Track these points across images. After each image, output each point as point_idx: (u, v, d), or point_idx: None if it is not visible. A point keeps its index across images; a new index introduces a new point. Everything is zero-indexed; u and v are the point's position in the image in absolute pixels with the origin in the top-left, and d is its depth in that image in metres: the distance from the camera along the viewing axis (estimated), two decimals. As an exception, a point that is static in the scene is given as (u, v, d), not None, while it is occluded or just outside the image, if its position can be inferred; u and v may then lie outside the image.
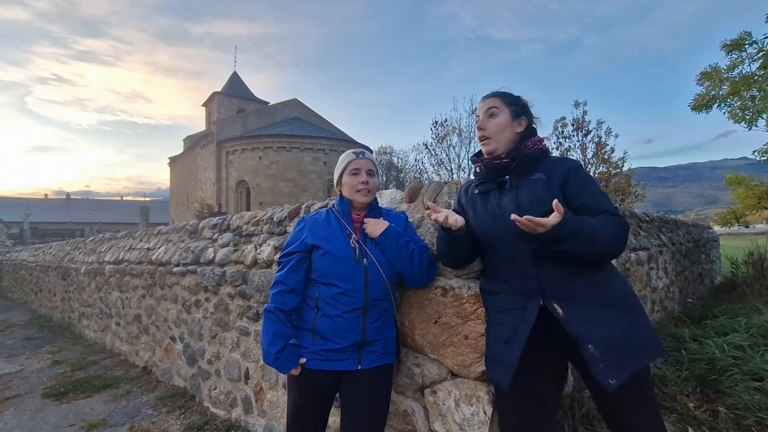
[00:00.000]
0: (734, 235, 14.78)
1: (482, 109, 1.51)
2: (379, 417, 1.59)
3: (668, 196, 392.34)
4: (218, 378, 3.00)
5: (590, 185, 1.39)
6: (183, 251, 3.64)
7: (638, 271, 3.63)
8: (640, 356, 1.26)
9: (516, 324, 1.34)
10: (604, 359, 1.21)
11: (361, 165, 1.65)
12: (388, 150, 31.87)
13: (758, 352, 2.68)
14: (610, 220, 1.29)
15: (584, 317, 1.26)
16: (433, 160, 16.94)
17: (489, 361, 1.45)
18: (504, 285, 1.43)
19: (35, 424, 3.06)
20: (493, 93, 1.53)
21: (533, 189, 1.37)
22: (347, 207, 1.65)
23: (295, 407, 1.59)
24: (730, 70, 7.68)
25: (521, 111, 1.49)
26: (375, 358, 1.57)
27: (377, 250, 1.59)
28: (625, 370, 1.21)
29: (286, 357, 1.53)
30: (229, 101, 28.19)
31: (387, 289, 1.59)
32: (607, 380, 1.20)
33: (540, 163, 1.43)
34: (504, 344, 1.36)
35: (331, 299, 1.55)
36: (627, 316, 1.29)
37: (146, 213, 32.79)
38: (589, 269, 1.31)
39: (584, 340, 1.23)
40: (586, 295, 1.29)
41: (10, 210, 35.72)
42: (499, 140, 1.46)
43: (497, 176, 1.45)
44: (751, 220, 10.62)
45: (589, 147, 13.93)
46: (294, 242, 1.64)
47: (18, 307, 9.66)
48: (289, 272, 1.59)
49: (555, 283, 1.31)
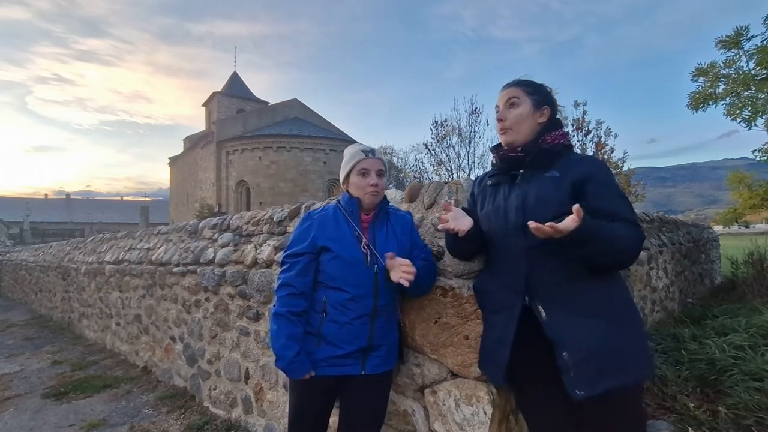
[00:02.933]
0: (734, 235, 14.78)
1: (502, 98, 1.42)
2: (377, 419, 1.60)
3: (668, 196, 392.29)
4: (218, 378, 3.00)
5: (613, 189, 1.29)
6: (183, 251, 3.64)
7: (638, 271, 3.63)
8: (624, 373, 1.16)
9: (505, 324, 1.33)
10: (577, 369, 1.16)
11: (370, 165, 1.58)
12: (388, 150, 31.87)
13: (758, 352, 2.68)
14: (628, 229, 1.19)
15: (566, 323, 1.21)
16: (433, 160, 16.92)
17: (484, 359, 1.45)
18: (497, 282, 1.41)
19: (35, 424, 3.06)
20: (514, 81, 1.44)
21: (542, 186, 1.30)
22: (356, 207, 1.58)
23: (296, 409, 1.58)
24: (726, 66, 7.58)
25: (543, 100, 1.40)
26: (379, 363, 1.56)
27: (385, 252, 1.55)
28: (599, 384, 1.14)
29: (302, 361, 1.48)
30: (229, 101, 28.20)
31: (395, 294, 1.59)
32: (574, 390, 1.15)
33: (558, 160, 1.34)
34: (497, 344, 1.35)
35: (339, 305, 1.51)
36: (617, 328, 1.20)
37: (146, 213, 32.81)
38: (585, 274, 1.24)
39: (560, 345, 1.20)
40: (575, 300, 1.23)
41: (10, 210, 35.73)
42: (519, 131, 1.38)
43: (511, 169, 1.40)
44: (751, 220, 10.60)
45: (588, 147, 13.93)
46: (302, 241, 1.57)
47: (18, 307, 9.66)
48: (298, 275, 1.53)
49: (544, 285, 1.26)
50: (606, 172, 1.32)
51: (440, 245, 1.70)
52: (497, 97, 1.46)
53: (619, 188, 1.31)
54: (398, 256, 1.47)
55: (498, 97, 1.45)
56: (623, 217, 1.22)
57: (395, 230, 1.61)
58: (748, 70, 7.32)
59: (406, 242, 1.61)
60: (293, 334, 1.49)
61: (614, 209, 1.24)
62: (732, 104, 7.52)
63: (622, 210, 1.24)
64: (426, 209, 1.95)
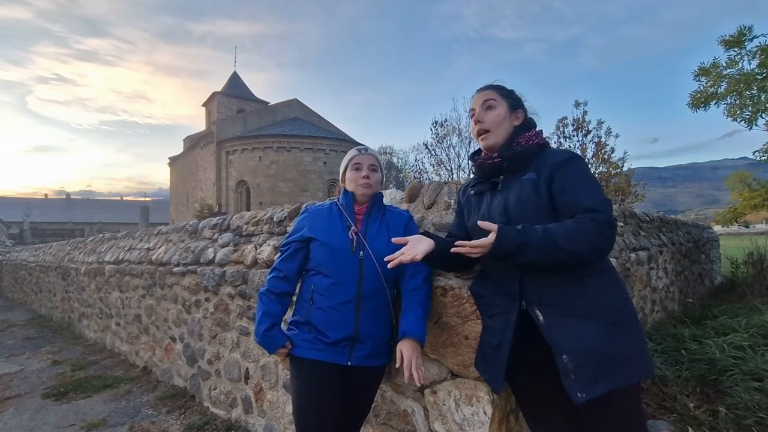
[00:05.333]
0: (734, 235, 14.79)
1: (477, 101, 1.44)
2: (360, 413, 1.67)
3: (668, 196, 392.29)
4: (218, 378, 3.00)
5: (575, 180, 1.27)
6: (183, 251, 3.64)
7: (638, 271, 3.63)
8: (623, 373, 1.16)
9: (502, 329, 1.32)
10: (577, 371, 1.15)
11: (363, 160, 1.69)
12: (388, 150, 31.91)
13: (758, 352, 2.68)
14: (582, 220, 1.18)
15: (564, 325, 1.20)
16: (433, 160, 16.93)
17: (482, 363, 1.44)
18: (492, 287, 1.41)
19: (35, 424, 3.06)
20: (487, 85, 1.47)
21: (521, 190, 1.31)
22: (350, 200, 1.69)
23: (297, 393, 1.60)
24: (729, 66, 7.56)
25: (517, 104, 1.44)
26: (365, 356, 1.58)
27: (375, 243, 1.60)
28: (600, 385, 1.14)
29: (274, 335, 1.59)
30: (229, 101, 28.21)
31: (382, 283, 1.59)
32: (576, 393, 1.15)
33: (534, 160, 1.35)
34: (494, 349, 1.35)
35: (324, 290, 1.58)
36: (614, 329, 1.20)
37: (146, 213, 32.80)
38: (577, 276, 1.23)
39: (559, 349, 1.19)
40: (570, 302, 1.22)
41: (10, 210, 35.72)
42: (498, 133, 1.40)
43: (491, 176, 1.42)
44: (751, 220, 10.59)
45: (589, 147, 13.92)
46: (296, 232, 1.70)
47: (18, 307, 9.66)
48: (284, 260, 1.67)
49: (537, 289, 1.26)
50: (571, 163, 1.30)
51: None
52: (470, 101, 1.49)
53: (584, 175, 1.29)
54: (389, 248, 1.53)
55: (472, 100, 1.48)
56: (585, 207, 1.20)
57: (388, 224, 1.67)
58: (750, 70, 7.32)
59: (399, 236, 1.64)
60: (269, 311, 1.62)
61: (576, 200, 1.23)
62: (733, 104, 7.51)
63: (586, 199, 1.22)
64: (426, 209, 1.95)
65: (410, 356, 1.47)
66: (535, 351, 1.28)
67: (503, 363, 1.29)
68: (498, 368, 1.32)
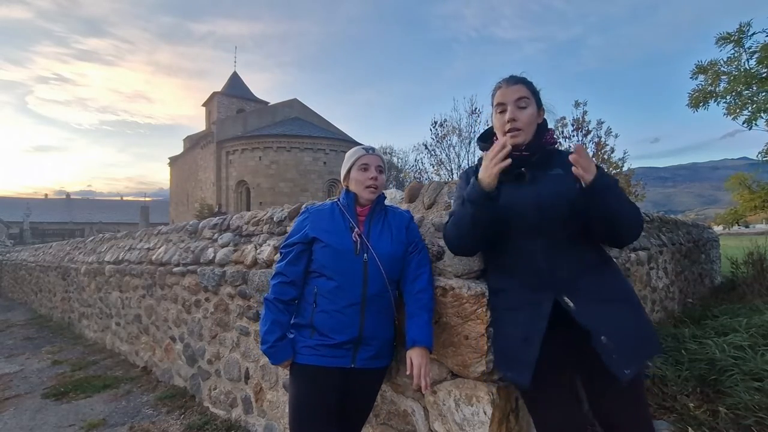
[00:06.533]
0: (734, 235, 14.76)
1: (509, 95, 1.39)
2: (361, 415, 1.66)
3: (668, 196, 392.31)
4: (218, 378, 3.00)
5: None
6: (183, 251, 3.64)
7: (638, 271, 3.63)
8: (650, 348, 1.30)
9: (531, 321, 1.31)
10: (618, 350, 1.22)
11: (370, 161, 1.65)
12: (388, 150, 31.88)
13: (758, 352, 2.68)
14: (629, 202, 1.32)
15: (595, 310, 1.28)
16: (433, 160, 16.92)
17: (505, 360, 1.40)
18: (512, 281, 1.40)
19: (35, 424, 3.06)
20: (520, 79, 1.43)
21: (554, 185, 1.35)
22: (352, 201, 1.65)
23: (295, 399, 1.58)
24: (727, 64, 7.52)
25: (539, 102, 1.45)
26: (370, 358, 1.56)
27: (379, 244, 1.58)
28: (639, 360, 1.24)
29: (283, 347, 1.55)
30: (229, 101, 28.22)
31: (386, 285, 1.58)
32: (622, 370, 1.20)
33: (556, 157, 1.41)
34: (522, 342, 1.32)
35: (328, 293, 1.55)
36: (636, 309, 1.33)
37: (146, 213, 32.82)
38: (597, 265, 1.36)
39: (597, 331, 1.24)
40: (595, 289, 1.31)
41: (10, 210, 35.72)
42: (528, 132, 1.39)
43: (513, 168, 1.37)
44: (751, 220, 10.59)
45: (588, 147, 13.92)
46: (296, 233, 1.65)
47: (18, 307, 9.66)
48: (289, 264, 1.61)
49: (565, 278, 1.31)
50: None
51: (440, 245, 1.70)
52: (498, 93, 1.42)
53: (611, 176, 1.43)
54: (392, 249, 1.58)
55: (499, 92, 1.42)
56: None
57: (391, 225, 1.65)
58: (749, 68, 7.28)
59: (401, 237, 1.64)
60: (277, 320, 1.57)
61: None
62: (732, 103, 7.48)
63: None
64: (426, 209, 1.95)
65: (420, 364, 1.48)
66: (550, 344, 1.30)
67: (534, 356, 1.27)
68: (526, 362, 1.29)
